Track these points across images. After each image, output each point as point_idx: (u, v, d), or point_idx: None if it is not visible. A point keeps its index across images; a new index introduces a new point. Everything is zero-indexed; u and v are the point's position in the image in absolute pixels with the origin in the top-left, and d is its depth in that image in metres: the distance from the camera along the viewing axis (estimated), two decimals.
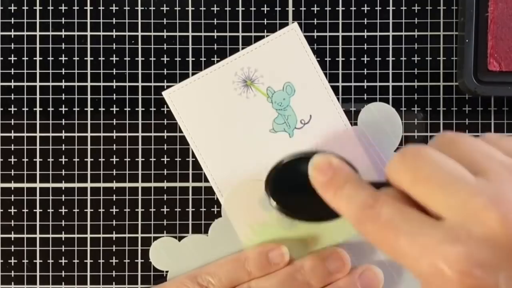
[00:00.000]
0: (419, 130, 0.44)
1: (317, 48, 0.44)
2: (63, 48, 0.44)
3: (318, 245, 0.42)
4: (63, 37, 0.44)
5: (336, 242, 0.42)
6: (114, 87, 0.44)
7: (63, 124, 0.44)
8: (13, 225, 0.44)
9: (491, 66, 0.42)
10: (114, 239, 0.44)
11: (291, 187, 0.39)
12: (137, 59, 0.44)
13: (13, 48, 0.44)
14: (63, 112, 0.44)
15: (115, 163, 0.44)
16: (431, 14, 0.44)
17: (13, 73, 0.44)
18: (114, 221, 0.44)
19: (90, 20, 0.44)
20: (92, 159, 0.44)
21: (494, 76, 0.42)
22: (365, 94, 0.44)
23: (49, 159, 0.44)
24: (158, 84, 0.44)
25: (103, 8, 0.44)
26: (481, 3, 0.42)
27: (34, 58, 0.44)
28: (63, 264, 0.44)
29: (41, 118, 0.44)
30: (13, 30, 0.44)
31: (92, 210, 0.44)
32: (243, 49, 0.44)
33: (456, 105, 0.44)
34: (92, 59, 0.44)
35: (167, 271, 0.43)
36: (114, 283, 0.44)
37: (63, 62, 0.44)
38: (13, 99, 0.44)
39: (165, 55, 0.44)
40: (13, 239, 0.44)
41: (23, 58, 0.44)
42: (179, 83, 0.44)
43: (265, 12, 0.44)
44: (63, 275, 0.44)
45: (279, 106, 0.43)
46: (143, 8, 0.44)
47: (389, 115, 0.44)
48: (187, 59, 0.44)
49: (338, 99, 0.44)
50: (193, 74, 0.44)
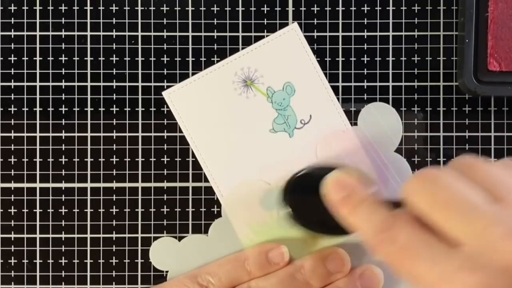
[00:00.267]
0: (419, 130, 0.44)
1: (317, 48, 0.44)
2: (63, 48, 0.44)
3: (318, 245, 0.42)
4: (63, 37, 0.44)
5: (336, 242, 0.42)
6: (114, 87, 0.44)
7: (63, 124, 0.44)
8: (13, 225, 0.44)
9: (491, 66, 0.42)
10: (114, 239, 0.44)
11: (308, 198, 0.39)
12: (137, 59, 0.44)
13: (13, 48, 0.44)
14: (63, 112, 0.44)
15: (115, 163, 0.44)
16: (431, 14, 0.44)
17: (13, 73, 0.44)
18: (114, 221, 0.44)
19: (90, 20, 0.44)
20: (92, 159, 0.44)
21: (494, 76, 0.42)
22: (365, 94, 0.44)
23: (49, 159, 0.44)
24: (158, 84, 0.44)
25: (103, 8, 0.44)
26: (481, 3, 0.42)
27: (34, 58, 0.44)
28: (63, 264, 0.44)
29: (41, 118, 0.44)
30: (13, 30, 0.44)
31: (92, 210, 0.44)
32: (243, 49, 0.44)
33: (456, 105, 0.44)
34: (92, 59, 0.44)
35: (167, 271, 0.43)
36: (114, 283, 0.44)
37: (63, 62, 0.44)
38: (13, 99, 0.44)
39: (165, 55, 0.44)
40: (13, 239, 0.44)
41: (23, 58, 0.44)
42: (179, 83, 0.44)
43: (265, 12, 0.44)
44: (63, 275, 0.44)
45: (279, 106, 0.43)
46: (143, 8, 0.44)
47: (389, 115, 0.44)
48: (187, 59, 0.44)
49: (338, 99, 0.44)
50: (193, 74, 0.44)
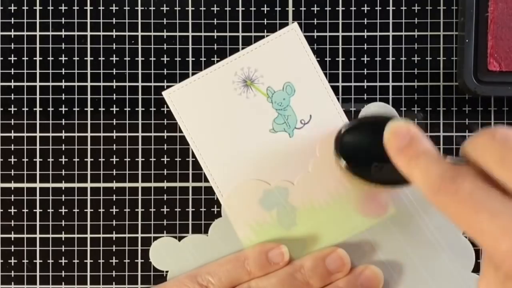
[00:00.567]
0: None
1: (317, 48, 0.44)
2: (63, 48, 0.44)
3: (318, 245, 0.42)
4: (63, 37, 0.44)
5: (336, 242, 0.42)
6: (114, 87, 0.44)
7: (63, 124, 0.44)
8: (13, 225, 0.44)
9: (491, 66, 0.42)
10: (114, 239, 0.44)
11: (362, 148, 0.39)
12: (137, 59, 0.44)
13: (13, 48, 0.44)
14: (63, 112, 0.44)
15: (115, 163, 0.44)
16: (431, 14, 0.44)
17: (13, 73, 0.44)
18: (114, 221, 0.44)
19: (90, 20, 0.44)
20: (92, 159, 0.44)
21: (494, 76, 0.42)
22: (365, 94, 0.44)
23: (49, 159, 0.44)
24: (158, 84, 0.44)
25: (103, 8, 0.44)
26: (481, 3, 0.42)
27: (34, 58, 0.44)
28: (63, 264, 0.44)
29: (41, 118, 0.44)
30: (13, 30, 0.44)
31: (92, 210, 0.44)
32: (243, 49, 0.44)
33: (456, 105, 0.44)
34: (92, 59, 0.44)
35: (167, 271, 0.43)
36: (114, 283, 0.44)
37: (63, 62, 0.44)
38: (13, 99, 0.44)
39: (165, 55, 0.44)
40: (13, 239, 0.44)
41: (23, 58, 0.44)
42: (179, 83, 0.44)
43: (265, 12, 0.44)
44: (63, 275, 0.44)
45: (279, 106, 0.43)
46: (143, 8, 0.44)
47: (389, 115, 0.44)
48: (187, 59, 0.44)
49: (338, 99, 0.44)
50: (193, 74, 0.44)
